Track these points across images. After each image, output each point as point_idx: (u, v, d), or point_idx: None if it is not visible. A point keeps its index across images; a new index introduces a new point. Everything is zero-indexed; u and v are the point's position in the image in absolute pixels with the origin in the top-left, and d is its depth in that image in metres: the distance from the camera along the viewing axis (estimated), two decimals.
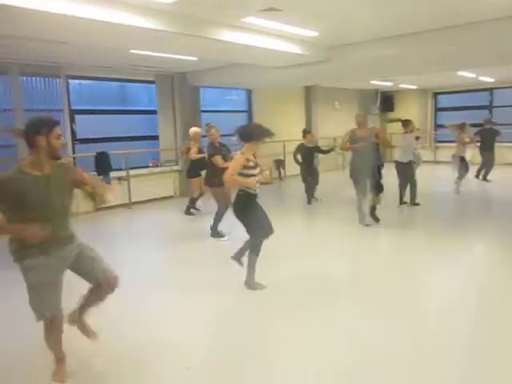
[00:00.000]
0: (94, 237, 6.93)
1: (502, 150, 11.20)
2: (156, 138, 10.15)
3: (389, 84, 13.39)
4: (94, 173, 8.48)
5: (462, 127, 9.13)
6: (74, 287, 2.94)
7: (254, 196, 4.18)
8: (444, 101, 15.78)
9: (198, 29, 5.70)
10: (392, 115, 15.40)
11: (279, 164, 12.33)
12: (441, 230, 6.50)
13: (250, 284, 4.26)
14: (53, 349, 2.81)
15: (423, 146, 9.65)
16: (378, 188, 6.63)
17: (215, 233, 6.28)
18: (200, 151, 7.44)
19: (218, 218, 6.25)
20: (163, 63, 8.61)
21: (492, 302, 3.92)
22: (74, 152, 8.71)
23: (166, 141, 10.16)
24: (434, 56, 7.14)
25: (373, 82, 12.58)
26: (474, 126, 10.34)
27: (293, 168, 12.60)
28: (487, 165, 10.42)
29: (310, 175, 8.60)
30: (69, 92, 8.62)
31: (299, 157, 8.57)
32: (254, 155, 4.14)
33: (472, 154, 9.89)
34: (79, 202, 7.96)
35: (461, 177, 9.08)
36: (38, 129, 2.55)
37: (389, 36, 6.94)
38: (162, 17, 5.26)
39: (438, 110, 15.84)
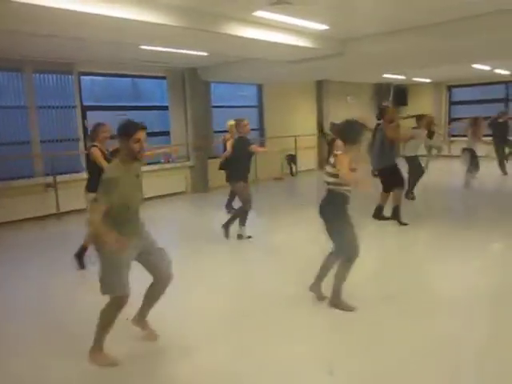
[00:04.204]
0: None
1: None
2: (168, 133, 10.17)
3: (402, 77, 13.21)
4: None
5: (476, 121, 9.00)
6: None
7: (341, 198, 3.60)
8: (459, 94, 15.54)
9: (208, 23, 5.67)
10: (405, 111, 15.21)
11: (291, 159, 12.27)
12: (444, 226, 6.43)
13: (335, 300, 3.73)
14: (104, 326, 2.94)
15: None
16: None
17: (227, 229, 5.91)
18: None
19: (239, 214, 5.90)
20: (174, 59, 8.60)
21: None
22: (86, 148, 8.75)
23: (178, 136, 10.17)
24: (448, 48, 7.01)
25: (385, 75, 12.42)
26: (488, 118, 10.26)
27: (304, 163, 12.65)
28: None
29: None
30: (81, 88, 8.67)
31: None
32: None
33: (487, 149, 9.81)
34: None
35: (470, 171, 8.96)
36: (120, 132, 2.90)
37: (402, 28, 6.80)
38: (172, 12, 5.23)
39: (452, 103, 15.61)
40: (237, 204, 6.52)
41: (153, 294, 3.21)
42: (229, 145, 6.72)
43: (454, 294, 4.02)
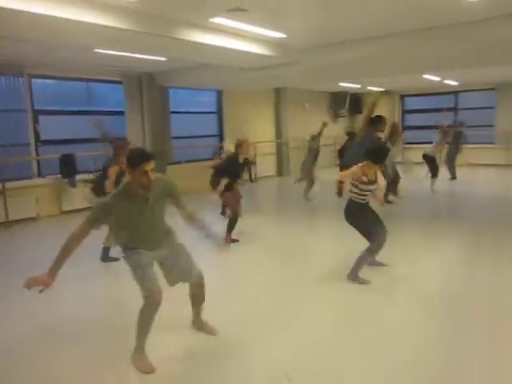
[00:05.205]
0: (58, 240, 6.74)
1: (464, 151, 11.50)
2: (124, 139, 9.95)
3: (357, 86, 13.57)
4: (59, 175, 8.26)
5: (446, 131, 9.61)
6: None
7: (363, 205, 4.38)
8: (411, 103, 16.13)
9: (165, 28, 5.61)
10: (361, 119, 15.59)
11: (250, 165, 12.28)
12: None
13: (353, 276, 4.42)
14: (141, 328, 2.92)
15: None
16: None
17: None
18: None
19: (232, 224, 6.07)
20: (130, 63, 8.45)
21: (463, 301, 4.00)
22: (37, 154, 8.43)
23: (135, 142, 9.96)
24: (402, 59, 7.26)
25: (342, 84, 12.72)
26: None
27: (263, 169, 12.71)
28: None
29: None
30: (32, 92, 8.34)
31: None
32: (374, 172, 4.34)
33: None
34: (42, 205, 7.67)
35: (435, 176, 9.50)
36: (127, 161, 2.79)
37: (358, 38, 7.02)
38: (127, 15, 5.15)
39: (405, 112, 16.18)
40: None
41: (193, 298, 3.32)
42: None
43: (418, 294, 4.15)
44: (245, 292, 4.37)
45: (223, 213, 7.69)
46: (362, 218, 4.38)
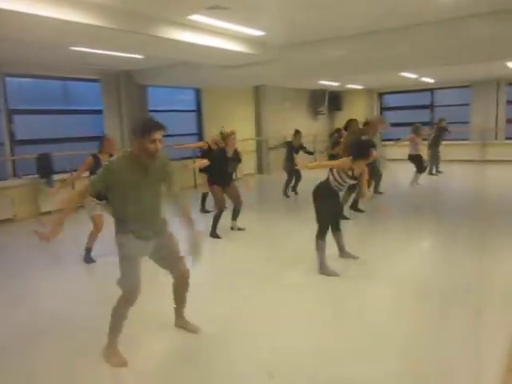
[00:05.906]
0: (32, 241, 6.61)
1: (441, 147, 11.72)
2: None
3: (336, 84, 13.65)
4: (36, 176, 8.09)
5: (417, 131, 9.55)
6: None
7: (335, 193, 4.57)
8: (389, 100, 16.34)
9: (143, 26, 5.55)
10: (340, 116, 15.73)
11: None
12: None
13: (322, 269, 4.55)
14: (114, 322, 2.91)
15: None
16: None
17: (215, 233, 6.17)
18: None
19: (218, 216, 6.20)
20: (108, 61, 8.33)
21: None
22: (12, 154, 8.24)
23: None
24: (380, 57, 7.34)
25: (321, 81, 12.78)
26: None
27: (244, 167, 12.67)
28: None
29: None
30: (5, 90, 8.14)
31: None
32: (360, 171, 4.50)
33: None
34: (19, 206, 7.51)
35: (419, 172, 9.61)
36: (137, 130, 2.83)
37: (337, 36, 7.07)
38: (104, 12, 5.07)
39: (383, 109, 16.37)
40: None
41: (175, 292, 3.28)
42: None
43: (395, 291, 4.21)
44: (229, 289, 4.36)
45: (202, 209, 7.84)
46: (325, 202, 4.53)
